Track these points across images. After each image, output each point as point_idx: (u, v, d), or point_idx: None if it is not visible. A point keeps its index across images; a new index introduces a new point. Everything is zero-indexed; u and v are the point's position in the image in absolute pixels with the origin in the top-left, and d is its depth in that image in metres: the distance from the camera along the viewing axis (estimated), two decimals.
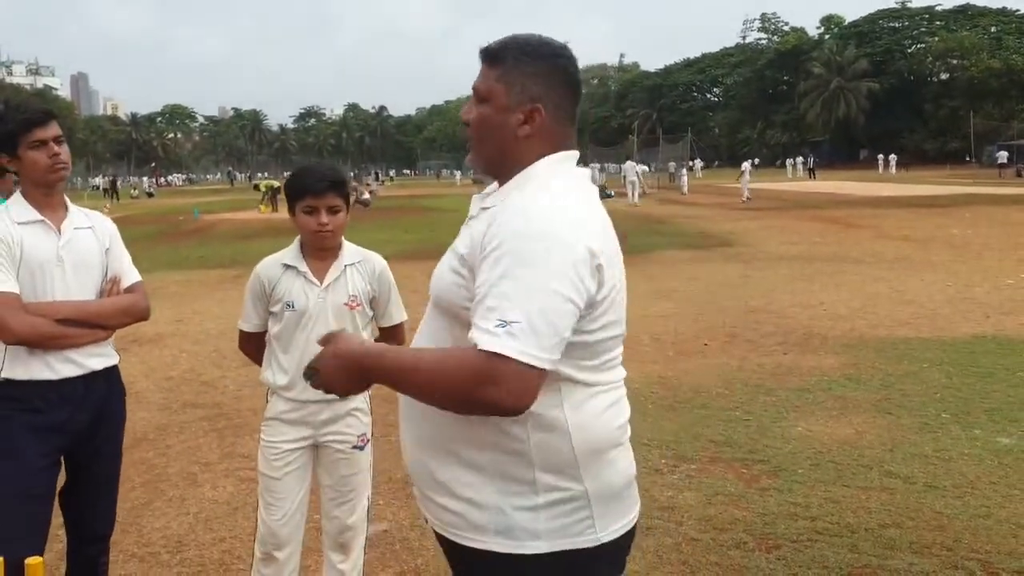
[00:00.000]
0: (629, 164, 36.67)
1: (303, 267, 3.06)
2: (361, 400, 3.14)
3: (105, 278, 3.04)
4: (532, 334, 1.53)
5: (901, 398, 6.23)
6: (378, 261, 3.20)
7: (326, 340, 1.75)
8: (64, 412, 2.90)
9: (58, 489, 3.04)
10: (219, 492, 4.87)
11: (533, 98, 1.75)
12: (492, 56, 1.78)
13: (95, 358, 2.97)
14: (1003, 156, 55.19)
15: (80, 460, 3.05)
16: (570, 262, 1.59)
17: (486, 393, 1.53)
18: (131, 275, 3.12)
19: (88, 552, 3.12)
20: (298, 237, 3.11)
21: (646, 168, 36.78)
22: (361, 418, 3.15)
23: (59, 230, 2.94)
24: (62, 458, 3.01)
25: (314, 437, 3.12)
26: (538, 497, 1.69)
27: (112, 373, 3.08)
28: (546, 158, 1.78)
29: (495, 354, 1.52)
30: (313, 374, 1.74)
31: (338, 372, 1.70)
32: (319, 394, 3.00)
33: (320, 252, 3.08)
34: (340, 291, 3.07)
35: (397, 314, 3.23)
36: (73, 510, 3.11)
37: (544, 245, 1.59)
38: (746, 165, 36.64)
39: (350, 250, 3.15)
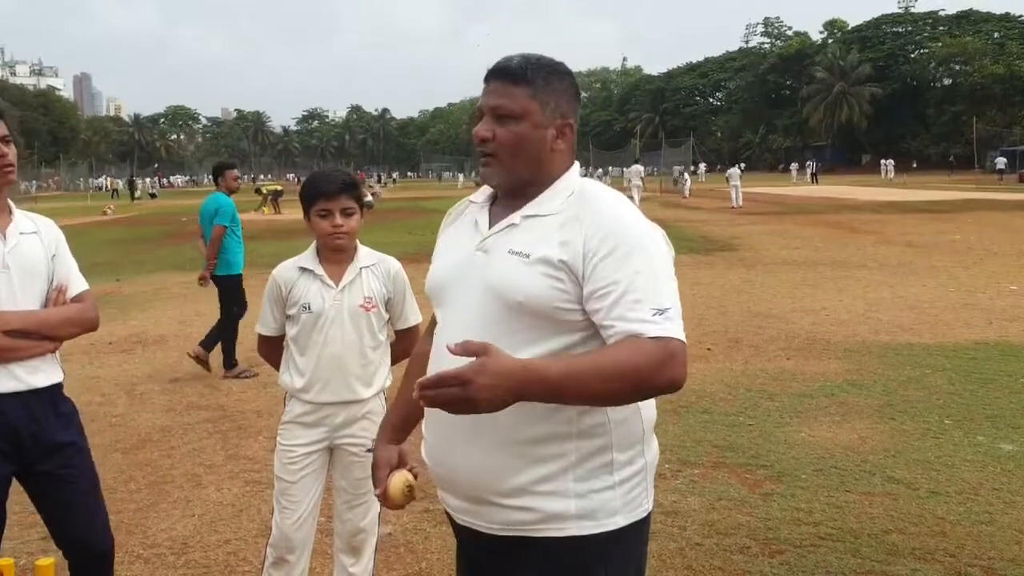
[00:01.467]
0: (636, 168, 36.07)
1: (319, 270, 3.10)
2: (377, 403, 3.17)
3: (51, 286, 2.85)
4: (678, 316, 1.71)
5: (904, 404, 6.24)
6: (393, 263, 3.24)
7: (478, 351, 1.56)
8: (5, 429, 2.71)
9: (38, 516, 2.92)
10: (224, 494, 4.88)
11: (563, 114, 1.87)
12: (517, 76, 1.84)
13: (38, 374, 2.77)
14: (1002, 162, 55.37)
15: (43, 484, 2.85)
16: (668, 252, 1.83)
17: (668, 375, 1.65)
18: (78, 283, 2.93)
19: (93, 571, 2.95)
20: (314, 242, 3.15)
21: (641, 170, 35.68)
22: (376, 421, 3.16)
23: (4, 235, 2.77)
24: (9, 478, 2.81)
25: (329, 439, 3.14)
26: (613, 476, 1.81)
27: (55, 391, 2.86)
28: (575, 167, 1.92)
29: (667, 338, 1.66)
30: (449, 385, 1.54)
31: (493, 389, 1.55)
32: (336, 396, 3.06)
33: (336, 255, 3.11)
34: (356, 293, 3.10)
35: (412, 316, 3.26)
36: (61, 534, 2.92)
37: (655, 240, 1.79)
38: (734, 171, 34.43)
39: (365, 253, 3.18)
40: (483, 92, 1.89)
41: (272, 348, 3.26)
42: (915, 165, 65.91)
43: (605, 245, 1.73)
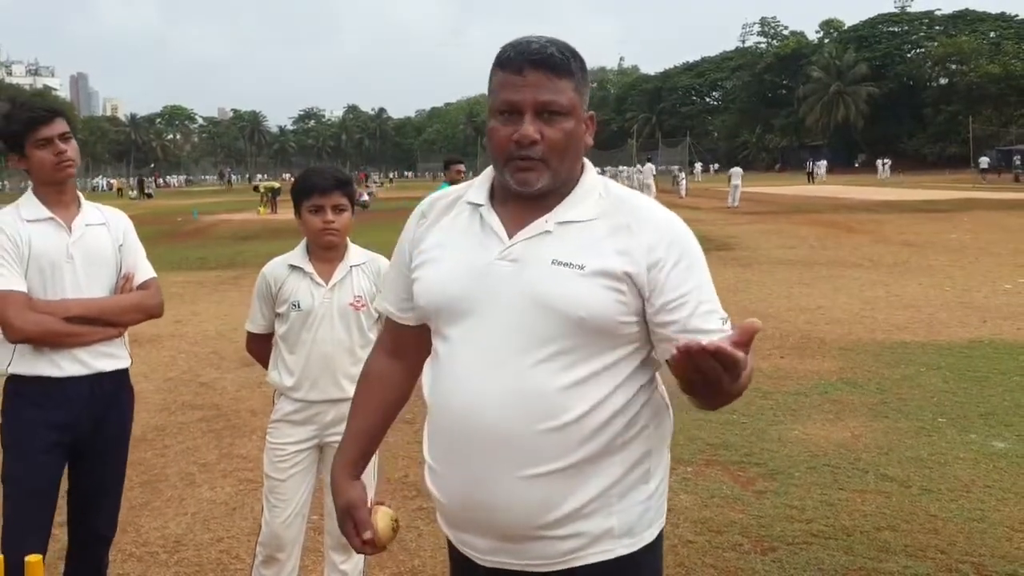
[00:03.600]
0: (649, 167, 36.06)
1: (309, 268, 3.10)
2: None
3: (119, 274, 3.01)
4: None
5: (897, 402, 6.25)
6: (383, 262, 3.22)
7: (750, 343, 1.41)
8: (67, 411, 2.87)
9: (64, 489, 3.05)
10: (217, 493, 4.88)
11: (587, 107, 1.75)
12: (561, 67, 1.67)
13: (104, 359, 2.94)
14: (984, 161, 56.16)
15: (84, 461, 3.01)
16: None
17: None
18: (145, 271, 3.09)
19: (90, 554, 3.09)
20: (304, 239, 3.15)
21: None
22: None
23: (70, 227, 2.92)
24: (66, 457, 2.99)
25: (320, 437, 3.14)
26: (649, 484, 1.75)
27: (121, 376, 3.04)
28: (590, 164, 1.80)
29: None
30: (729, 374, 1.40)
31: (734, 385, 1.46)
32: (325, 395, 3.06)
33: (326, 253, 3.11)
34: (346, 292, 3.10)
35: None
36: (77, 511, 3.07)
37: (698, 244, 1.77)
38: (736, 170, 34.39)
39: (355, 251, 3.19)
40: (513, 84, 1.66)
41: (261, 345, 3.26)
42: (889, 162, 64.73)
43: (671, 255, 1.67)
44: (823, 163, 64.54)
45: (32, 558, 2.12)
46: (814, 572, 3.73)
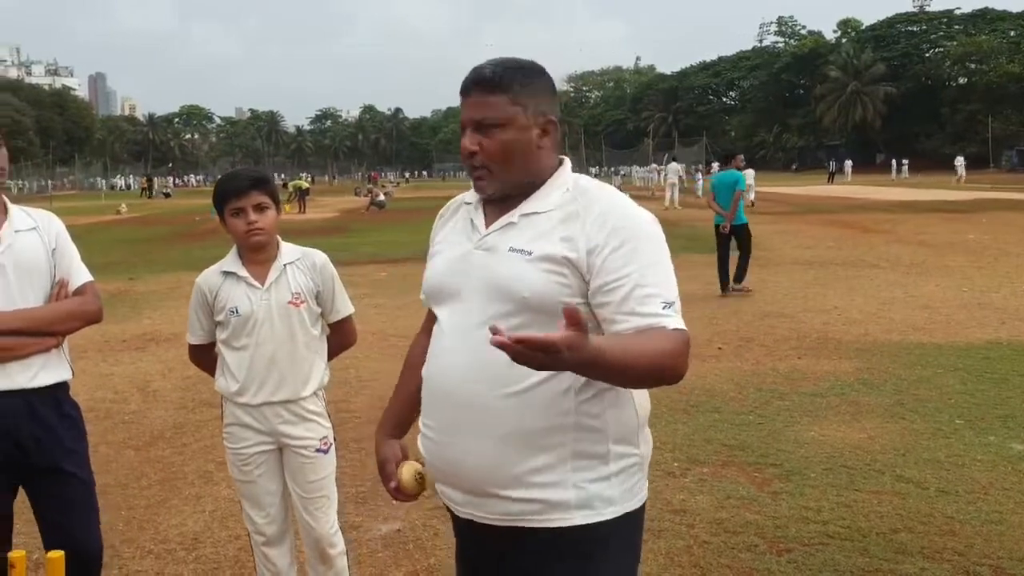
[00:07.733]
0: (673, 166, 35.90)
1: (243, 272, 3.04)
2: (315, 402, 3.14)
3: (53, 281, 2.83)
4: (680, 310, 1.79)
5: (915, 403, 6.22)
6: (318, 256, 3.17)
7: (580, 324, 1.49)
8: (2, 430, 2.68)
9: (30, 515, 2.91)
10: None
11: (544, 112, 1.91)
12: (493, 84, 1.86)
13: (41, 373, 2.74)
14: (959, 161, 56.03)
15: (43, 480, 2.81)
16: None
17: (684, 366, 1.74)
18: (80, 275, 2.90)
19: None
20: (235, 245, 3.10)
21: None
22: (321, 422, 3.15)
23: None
24: (12, 479, 2.80)
25: (277, 441, 3.10)
26: (609, 467, 1.86)
27: (59, 391, 2.82)
28: (567, 164, 1.97)
29: (683, 331, 1.75)
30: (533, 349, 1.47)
31: (568, 364, 1.53)
32: (271, 396, 3.02)
33: (257, 254, 3.06)
34: (283, 290, 3.05)
35: (344, 307, 3.20)
36: (52, 534, 2.83)
37: (659, 231, 1.86)
38: (748, 171, 34.48)
39: (288, 249, 3.14)
40: (463, 106, 1.89)
41: (203, 356, 3.22)
42: (906, 163, 64.24)
43: (613, 239, 1.78)
44: (848, 162, 63.93)
45: (54, 554, 2.14)
46: (830, 573, 3.72)
